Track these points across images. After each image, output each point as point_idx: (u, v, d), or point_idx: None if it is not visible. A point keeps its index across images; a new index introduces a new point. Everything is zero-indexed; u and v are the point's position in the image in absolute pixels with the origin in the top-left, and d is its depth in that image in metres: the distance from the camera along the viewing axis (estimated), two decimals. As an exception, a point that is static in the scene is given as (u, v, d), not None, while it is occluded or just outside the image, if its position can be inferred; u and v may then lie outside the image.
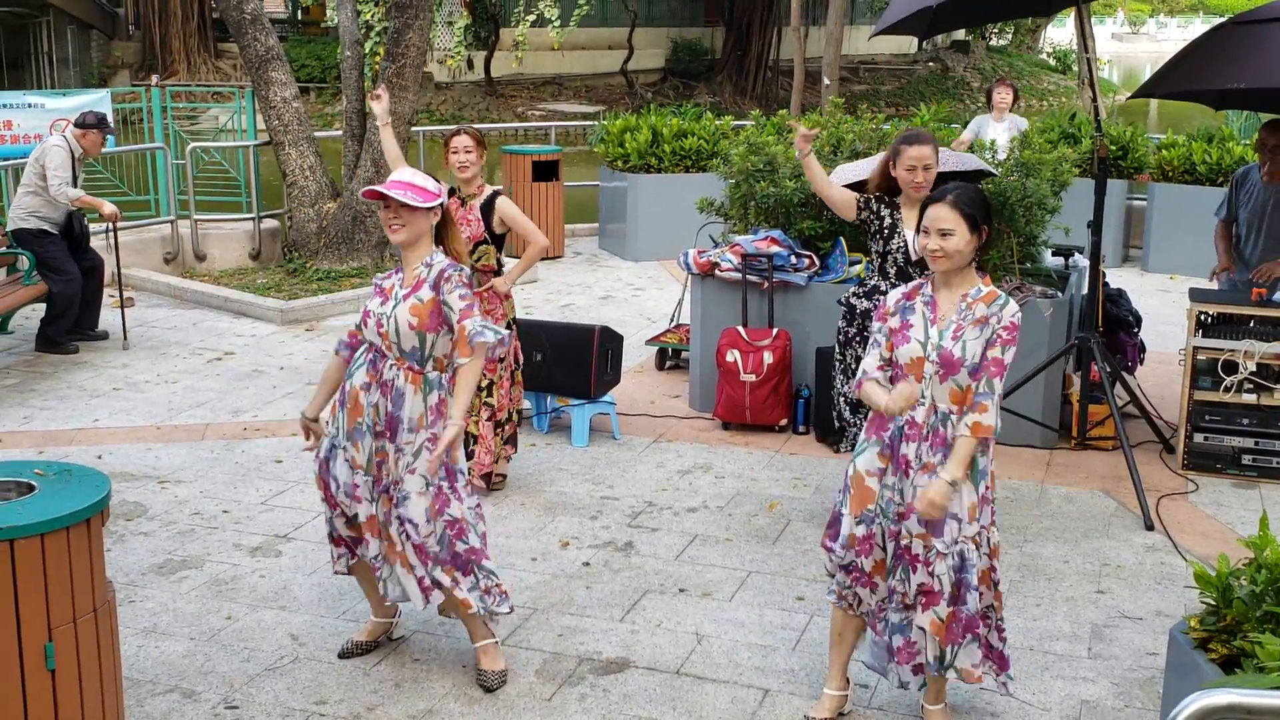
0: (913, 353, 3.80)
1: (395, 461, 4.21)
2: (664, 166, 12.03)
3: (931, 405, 3.79)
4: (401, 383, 4.18)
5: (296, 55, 29.03)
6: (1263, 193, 7.04)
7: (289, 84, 11.18)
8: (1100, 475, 6.53)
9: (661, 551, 5.51)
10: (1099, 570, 5.38)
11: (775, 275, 7.10)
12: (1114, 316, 7.47)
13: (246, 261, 11.45)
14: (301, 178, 11.12)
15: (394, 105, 10.51)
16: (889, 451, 3.87)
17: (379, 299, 4.26)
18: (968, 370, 3.74)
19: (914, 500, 3.78)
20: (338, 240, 10.90)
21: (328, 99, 28.88)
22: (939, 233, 3.78)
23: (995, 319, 3.77)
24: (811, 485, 6.35)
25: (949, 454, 3.76)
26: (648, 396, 7.84)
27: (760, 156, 7.34)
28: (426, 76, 27.95)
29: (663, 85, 33.09)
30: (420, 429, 4.19)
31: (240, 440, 6.95)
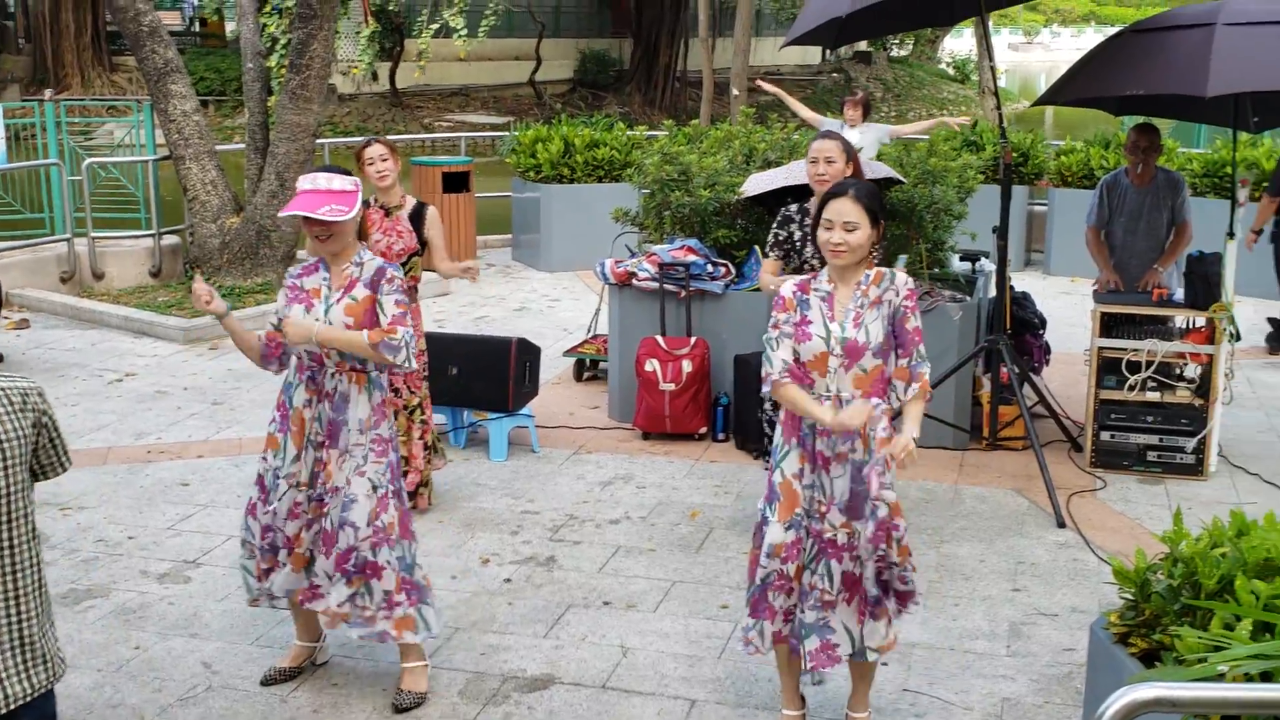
0: (815, 349, 3.83)
1: (340, 465, 4.15)
2: (577, 177, 12.02)
3: (836, 397, 3.83)
4: (346, 386, 4.14)
5: (195, 68, 28.50)
6: (1136, 196, 7.22)
7: (189, 97, 10.98)
8: (1012, 475, 6.64)
9: (584, 565, 5.49)
10: (1014, 568, 5.46)
11: (692, 284, 7.12)
12: (1020, 319, 7.62)
13: (147, 279, 11.21)
14: (203, 192, 10.93)
15: (298, 117, 10.39)
16: (806, 450, 3.90)
17: (302, 305, 4.16)
18: (871, 352, 3.80)
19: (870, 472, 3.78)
20: (242, 255, 10.73)
21: (228, 112, 28.40)
22: (843, 227, 3.81)
23: (892, 293, 3.84)
24: (733, 492, 6.37)
25: (856, 439, 3.81)
26: (566, 408, 7.81)
27: (674, 166, 7.37)
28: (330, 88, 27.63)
29: (571, 96, 33.06)
30: (367, 429, 4.16)
31: (144, 464, 6.80)
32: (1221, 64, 5.67)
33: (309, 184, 4.13)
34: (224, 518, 6.01)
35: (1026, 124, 24.62)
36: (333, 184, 4.12)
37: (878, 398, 3.84)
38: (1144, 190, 7.20)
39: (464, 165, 12.46)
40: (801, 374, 3.86)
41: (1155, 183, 7.20)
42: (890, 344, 3.84)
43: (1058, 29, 74.65)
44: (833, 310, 3.86)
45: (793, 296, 3.92)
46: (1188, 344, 6.55)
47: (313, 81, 10.40)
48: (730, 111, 18.10)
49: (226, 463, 6.80)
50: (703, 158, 7.44)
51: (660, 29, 32.28)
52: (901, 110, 36.57)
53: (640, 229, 7.82)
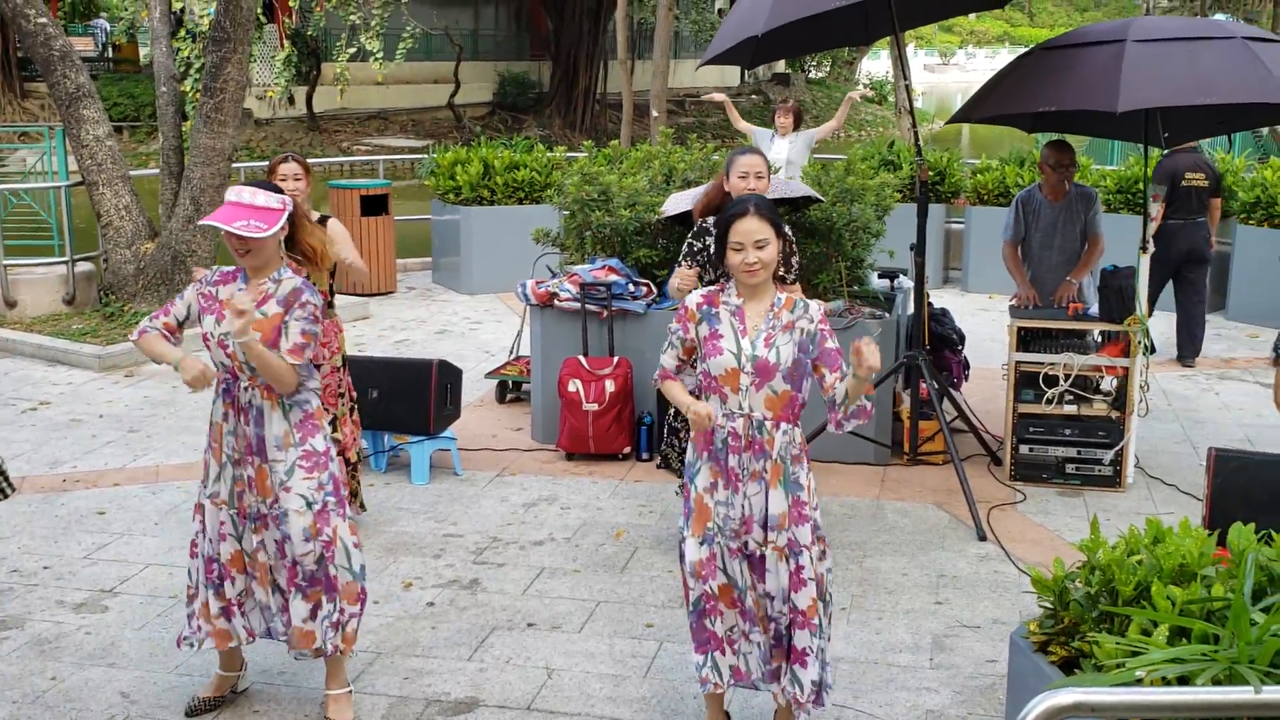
0: (726, 364, 3.83)
1: (270, 480, 4.09)
2: (497, 199, 11.98)
3: (748, 415, 3.84)
4: (260, 401, 4.09)
5: (108, 94, 28.07)
6: (1050, 211, 7.34)
7: (101, 122, 10.81)
8: (933, 489, 6.69)
9: (508, 587, 5.45)
10: (936, 581, 5.50)
11: (614, 304, 7.12)
12: (939, 335, 7.69)
13: (60, 307, 10.98)
14: (117, 218, 10.74)
15: (213, 141, 10.26)
16: (717, 465, 3.90)
17: (213, 317, 4.10)
18: (781, 375, 3.80)
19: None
20: (157, 281, 10.55)
21: (142, 137, 27.99)
22: (755, 245, 3.81)
23: (805, 320, 3.85)
24: (657, 511, 6.36)
25: (769, 461, 3.81)
26: (489, 430, 7.77)
27: (595, 186, 7.37)
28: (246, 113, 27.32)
29: (491, 118, 33.02)
30: (289, 446, 4.10)
31: (59, 493, 6.66)
32: (1132, 80, 5.78)
33: (234, 196, 4.07)
34: (141, 546, 5.90)
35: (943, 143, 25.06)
36: (256, 199, 4.07)
37: (789, 422, 3.85)
38: (1058, 205, 7.33)
39: (382, 188, 12.37)
40: (714, 388, 3.86)
41: (1069, 197, 7.32)
42: (801, 371, 3.84)
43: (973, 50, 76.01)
44: (744, 325, 3.86)
45: (696, 309, 3.92)
46: (1103, 357, 6.66)
47: (227, 105, 10.29)
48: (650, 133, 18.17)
49: (143, 490, 6.68)
50: (623, 178, 7.45)
51: (579, 51, 32.38)
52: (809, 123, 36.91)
53: (561, 249, 7.80)
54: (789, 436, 3.86)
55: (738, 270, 3.84)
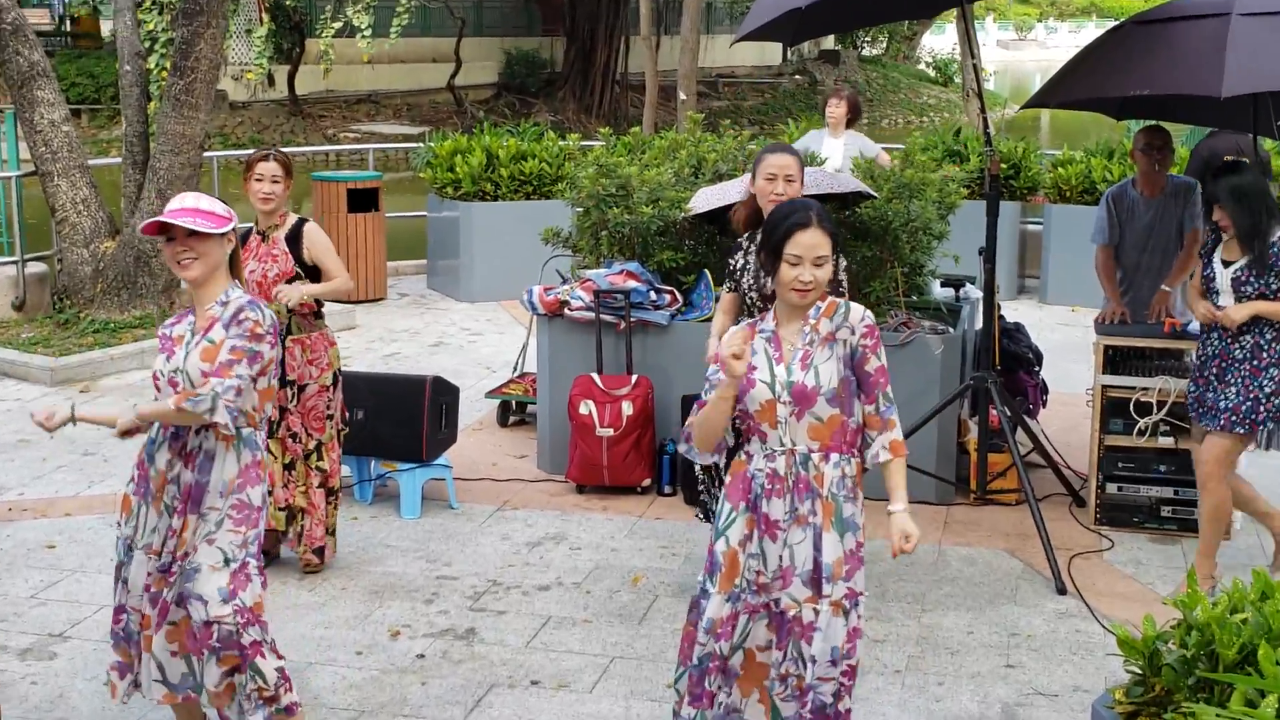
0: (761, 397, 3.82)
1: (194, 531, 4.13)
2: (501, 193, 12.02)
3: (790, 450, 3.81)
4: (211, 444, 4.14)
5: (66, 72, 28.33)
6: (1145, 210, 7.23)
7: (57, 104, 10.93)
8: (1004, 533, 6.65)
9: (509, 638, 5.44)
10: (1007, 641, 5.45)
11: (633, 314, 7.11)
12: (1012, 353, 7.65)
13: (8, 313, 11.07)
14: (73, 213, 10.85)
15: (182, 127, 10.33)
16: (753, 515, 3.87)
17: (165, 355, 4.20)
18: (825, 398, 3.77)
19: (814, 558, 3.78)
20: (117, 285, 10.63)
21: (103, 122, 28.24)
22: (814, 262, 3.79)
23: (847, 330, 3.84)
24: (680, 554, 6.34)
25: (818, 500, 3.79)
26: (489, 458, 7.77)
27: (612, 179, 7.36)
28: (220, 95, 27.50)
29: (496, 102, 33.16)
30: (229, 494, 4.15)
31: (4, 523, 6.72)
32: (1238, 60, 5.71)
33: (177, 203, 4.16)
34: (95, 585, 5.94)
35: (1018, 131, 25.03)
36: (200, 203, 4.17)
37: (841, 453, 3.83)
38: (1154, 202, 7.20)
39: (372, 181, 12.44)
40: (753, 429, 3.85)
41: (1165, 192, 7.22)
42: (849, 390, 3.82)
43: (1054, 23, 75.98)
44: (779, 351, 3.85)
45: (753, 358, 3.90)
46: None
47: (199, 86, 10.38)
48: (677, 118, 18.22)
49: (99, 522, 6.73)
50: (645, 170, 7.45)
51: (597, 26, 32.50)
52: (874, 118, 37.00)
53: (573, 252, 7.80)
54: (841, 469, 3.83)
55: (787, 287, 3.82)
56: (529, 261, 8.90)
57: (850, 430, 3.85)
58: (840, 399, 3.80)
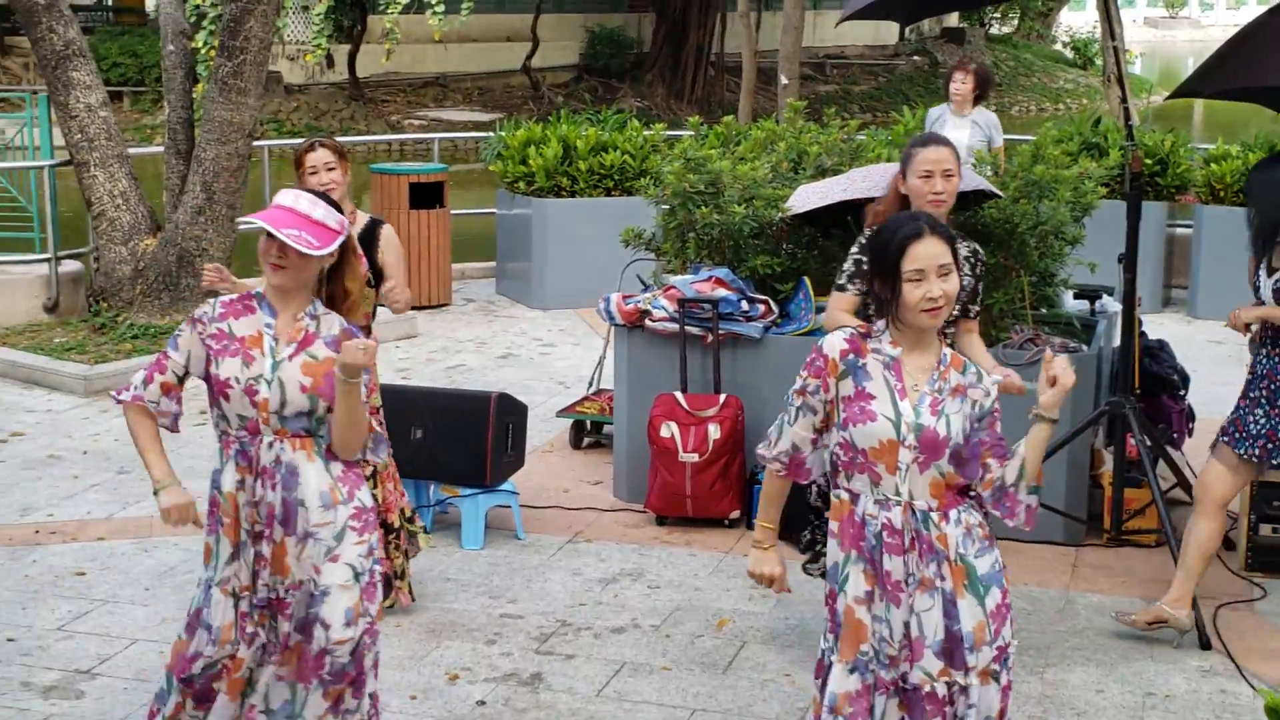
0: (880, 434, 3.76)
1: (299, 555, 4.14)
2: (578, 189, 12.07)
3: (907, 504, 3.77)
4: (290, 455, 4.15)
5: (107, 51, 28.88)
6: None
7: (95, 88, 11.09)
8: (1141, 579, 6.57)
9: (579, 685, 5.46)
10: (1142, 702, 5.40)
11: (722, 326, 7.11)
12: (1154, 375, 7.56)
13: (40, 315, 11.28)
14: (111, 207, 11.01)
15: (230, 114, 10.45)
16: (871, 569, 3.84)
17: (236, 359, 4.16)
18: (949, 453, 3.74)
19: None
20: (158, 287, 10.78)
21: (147, 106, 28.73)
22: (939, 273, 3.76)
23: (980, 392, 3.81)
24: (772, 596, 6.31)
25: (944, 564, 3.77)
26: (560, 483, 7.81)
27: (701, 175, 7.38)
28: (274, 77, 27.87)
29: (576, 86, 33.32)
30: (337, 504, 4.17)
31: (30, 547, 6.84)
32: None
33: (289, 200, 4.18)
34: (127, 616, 6.03)
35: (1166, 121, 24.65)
36: (314, 212, 4.16)
37: (958, 506, 3.80)
38: None
39: (437, 174, 12.53)
40: (860, 466, 3.80)
41: None
42: (969, 452, 3.79)
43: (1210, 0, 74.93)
44: (902, 384, 3.80)
45: (840, 359, 3.85)
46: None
47: (248, 69, 10.48)
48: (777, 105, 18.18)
49: (132, 547, 6.83)
50: (738, 165, 7.45)
51: (689, 2, 32.53)
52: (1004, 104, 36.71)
53: (656, 255, 7.82)
54: (964, 523, 3.80)
55: (914, 309, 3.76)
56: (608, 265, 8.93)
57: (964, 492, 3.83)
58: (960, 456, 3.77)
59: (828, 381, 3.85)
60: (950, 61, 37.83)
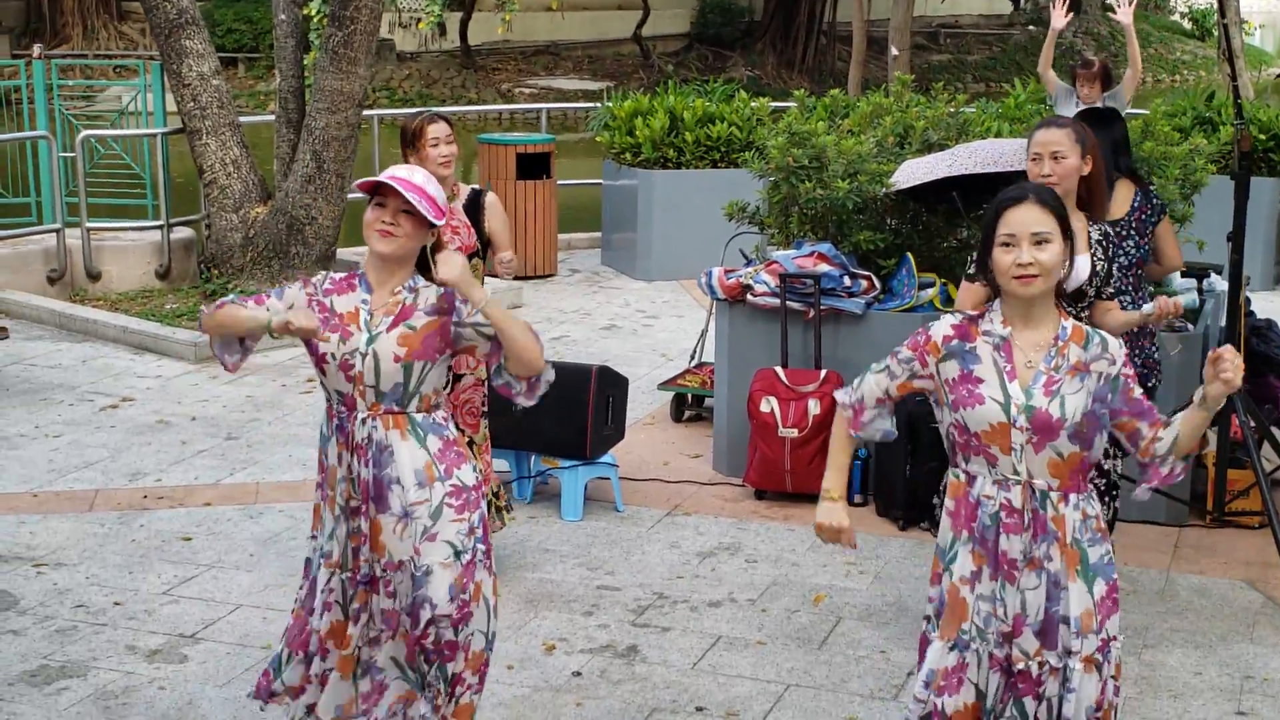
0: (990, 417, 3.72)
1: (398, 534, 4.14)
2: (685, 160, 12.06)
3: (1026, 483, 3.75)
4: (382, 433, 4.13)
5: (222, 17, 29.23)
6: None
7: (207, 55, 11.20)
8: (1244, 561, 6.49)
9: (674, 658, 5.48)
10: (1240, 685, 5.34)
11: (823, 301, 7.09)
12: (1261, 354, 7.46)
13: (152, 281, 11.46)
14: (222, 174, 11.15)
15: (340, 83, 10.54)
16: (982, 549, 3.83)
17: (338, 335, 4.14)
18: (1068, 433, 3.70)
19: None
20: (268, 254, 10.91)
21: (261, 73, 29.04)
22: (1031, 240, 3.70)
23: (1105, 362, 3.73)
24: (870, 572, 6.32)
25: (1057, 546, 3.74)
26: (660, 456, 7.84)
27: (805, 149, 7.35)
28: (386, 45, 28.10)
29: (687, 54, 33.24)
30: (433, 482, 4.15)
31: (139, 511, 6.95)
32: None
33: (404, 173, 4.15)
34: (232, 582, 6.12)
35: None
36: (429, 187, 4.15)
37: (1079, 492, 3.77)
38: None
39: (544, 144, 12.57)
40: (975, 448, 3.78)
41: None
42: (1095, 426, 3.73)
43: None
44: (1012, 364, 3.76)
45: (942, 343, 3.82)
46: None
47: (359, 38, 10.53)
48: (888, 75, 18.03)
49: (239, 513, 6.93)
50: (842, 139, 7.41)
51: (802, -30, 32.31)
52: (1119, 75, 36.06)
53: (760, 229, 7.80)
54: (1082, 510, 3.77)
55: (1006, 275, 3.72)
56: (714, 237, 8.91)
57: (1088, 467, 3.78)
58: (1083, 435, 3.71)
59: (925, 358, 3.84)
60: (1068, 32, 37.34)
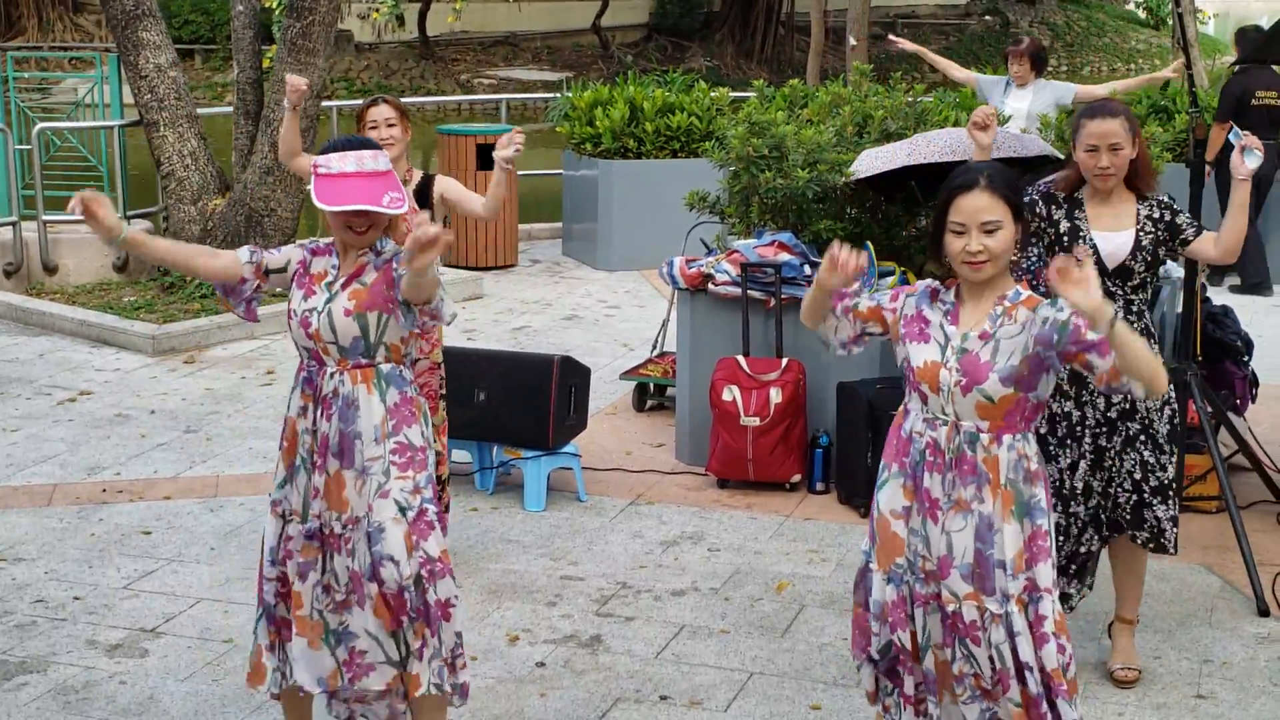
0: (927, 354, 3.85)
1: (358, 489, 4.16)
2: (645, 150, 12.05)
3: (954, 424, 3.83)
4: (349, 387, 4.17)
5: (179, 9, 29.06)
6: None
7: (164, 47, 11.16)
8: (1201, 545, 6.52)
9: (638, 648, 5.49)
10: (1199, 669, 5.37)
11: (784, 290, 7.10)
12: (1217, 341, 7.48)
13: (110, 274, 11.40)
14: (180, 166, 11.10)
15: (299, 74, 10.50)
16: (912, 484, 3.89)
17: (301, 291, 4.23)
18: (999, 376, 3.76)
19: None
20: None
21: (218, 64, 28.90)
22: (981, 229, 3.78)
23: (1051, 310, 3.75)
24: (832, 560, 6.34)
25: (989, 487, 3.79)
26: (623, 446, 7.84)
27: (765, 139, 7.36)
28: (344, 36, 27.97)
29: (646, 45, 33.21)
30: (384, 439, 4.18)
31: (98, 505, 6.92)
32: None
33: (353, 165, 4.11)
34: (192, 576, 6.10)
35: (1236, 85, 24.26)
36: (378, 163, 4.15)
37: (1016, 432, 3.82)
38: None
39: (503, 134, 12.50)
40: (913, 384, 3.90)
41: None
42: (1034, 378, 3.78)
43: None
44: (956, 320, 3.88)
45: (908, 294, 3.97)
46: None
47: (317, 29, 10.51)
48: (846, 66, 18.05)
49: (199, 506, 6.91)
50: (802, 129, 7.42)
51: (761, -40, 32.33)
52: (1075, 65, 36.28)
53: (721, 219, 7.80)
54: (1018, 450, 3.82)
55: (955, 259, 3.83)
56: (674, 227, 8.91)
57: (1030, 406, 3.83)
58: (1020, 378, 3.77)
59: (899, 294, 3.98)
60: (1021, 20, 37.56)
